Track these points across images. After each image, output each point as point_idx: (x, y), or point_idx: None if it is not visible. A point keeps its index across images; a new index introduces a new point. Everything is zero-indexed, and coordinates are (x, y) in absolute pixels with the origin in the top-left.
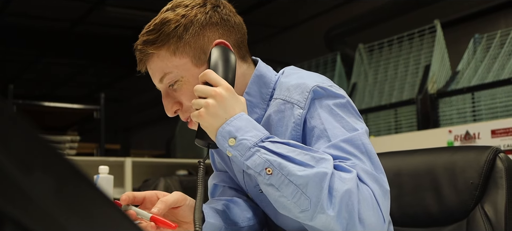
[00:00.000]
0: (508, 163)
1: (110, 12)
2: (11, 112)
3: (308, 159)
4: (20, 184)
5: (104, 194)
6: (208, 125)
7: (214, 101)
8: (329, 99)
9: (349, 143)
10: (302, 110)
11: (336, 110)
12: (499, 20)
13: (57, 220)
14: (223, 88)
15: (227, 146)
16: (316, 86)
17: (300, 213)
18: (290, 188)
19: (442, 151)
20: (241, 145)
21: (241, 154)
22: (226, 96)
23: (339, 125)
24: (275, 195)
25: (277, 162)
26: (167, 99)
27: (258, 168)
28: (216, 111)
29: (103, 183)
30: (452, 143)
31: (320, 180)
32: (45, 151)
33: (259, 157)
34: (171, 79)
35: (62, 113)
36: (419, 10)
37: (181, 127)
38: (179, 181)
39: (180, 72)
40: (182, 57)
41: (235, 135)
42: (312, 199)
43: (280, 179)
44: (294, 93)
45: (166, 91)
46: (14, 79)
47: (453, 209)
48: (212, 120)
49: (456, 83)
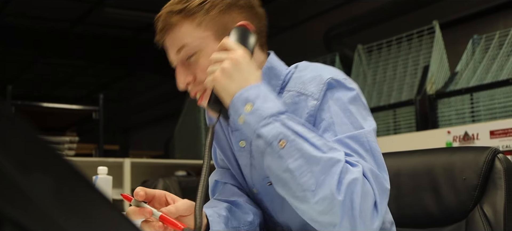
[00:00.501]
0: (507, 164)
1: (109, 13)
2: (10, 113)
3: (322, 144)
4: (19, 185)
5: (103, 195)
6: (223, 88)
7: (230, 63)
8: (342, 93)
9: (354, 140)
10: (316, 102)
11: (347, 105)
12: (498, 21)
13: (56, 221)
14: (240, 53)
15: (242, 111)
16: (331, 78)
17: (301, 192)
18: (299, 164)
19: (441, 152)
20: (257, 111)
21: (256, 121)
22: (242, 61)
23: (347, 120)
24: (280, 168)
25: (293, 137)
26: (181, 71)
27: (271, 138)
28: (231, 73)
29: (102, 183)
30: (451, 144)
31: (332, 165)
32: (44, 151)
33: (275, 127)
34: (189, 51)
35: (61, 114)
36: (417, 11)
37: (180, 128)
38: (177, 181)
39: (200, 45)
40: (205, 31)
41: (253, 101)
42: (319, 180)
43: (292, 153)
44: (309, 85)
45: (181, 62)
46: (13, 79)
47: (452, 209)
48: (227, 81)
49: (455, 84)
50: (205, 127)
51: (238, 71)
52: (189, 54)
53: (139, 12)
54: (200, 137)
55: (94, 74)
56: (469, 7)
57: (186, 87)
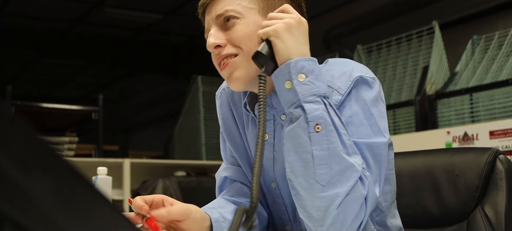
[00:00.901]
0: (508, 165)
1: (109, 13)
2: (10, 113)
3: (349, 144)
4: (19, 185)
5: (103, 195)
6: (283, 40)
7: (295, 21)
8: (366, 92)
9: (369, 148)
10: (340, 97)
11: (369, 106)
12: (497, 22)
13: (56, 221)
14: (304, 20)
15: (295, 78)
16: (360, 76)
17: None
18: (323, 155)
19: (442, 152)
20: (308, 85)
21: (304, 94)
22: (305, 26)
23: (367, 122)
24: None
25: (330, 127)
26: (215, 31)
27: (312, 118)
28: (294, 31)
29: (102, 184)
30: (450, 144)
31: (350, 172)
32: (44, 151)
33: (319, 109)
34: (231, 14)
35: (60, 114)
36: (417, 11)
37: (180, 128)
38: (177, 182)
39: (243, 12)
40: (251, 3)
41: (308, 74)
42: (333, 179)
43: (321, 142)
44: (338, 80)
45: (218, 24)
46: (13, 80)
47: (453, 210)
48: (288, 35)
49: (455, 84)
50: (204, 127)
51: (300, 31)
52: (230, 15)
53: (139, 12)
54: (199, 137)
55: (94, 74)
56: (468, 7)
57: (215, 49)
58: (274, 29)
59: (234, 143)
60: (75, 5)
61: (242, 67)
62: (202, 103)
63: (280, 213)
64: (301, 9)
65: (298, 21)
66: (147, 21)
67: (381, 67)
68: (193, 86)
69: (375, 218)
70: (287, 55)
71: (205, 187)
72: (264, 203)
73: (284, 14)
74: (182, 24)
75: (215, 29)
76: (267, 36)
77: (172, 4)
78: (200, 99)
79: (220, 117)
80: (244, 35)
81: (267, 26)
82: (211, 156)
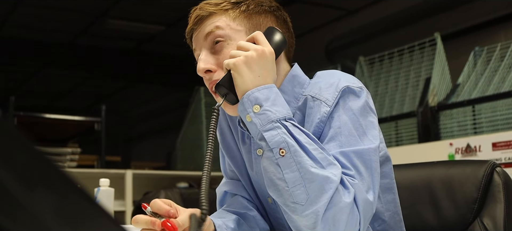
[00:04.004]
0: (505, 177)
1: (112, 24)
2: (14, 129)
3: (321, 157)
4: (21, 201)
5: (105, 211)
6: (240, 74)
7: (256, 54)
8: (354, 102)
9: (358, 155)
10: (328, 109)
11: (357, 116)
12: (499, 33)
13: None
14: (268, 48)
15: (251, 111)
16: (346, 86)
17: (291, 203)
18: (295, 177)
19: (440, 165)
20: (264, 115)
21: (261, 124)
22: (268, 57)
23: (355, 132)
24: (275, 176)
25: (294, 148)
26: (205, 55)
27: (273, 144)
28: (253, 65)
29: (104, 196)
30: (453, 156)
31: (326, 185)
32: (46, 167)
33: (279, 134)
34: (219, 35)
35: (63, 125)
36: (419, 23)
37: (182, 139)
38: (179, 193)
39: (231, 35)
40: (239, 25)
41: (262, 103)
42: (311, 197)
43: (290, 164)
44: (325, 92)
45: (208, 48)
46: (16, 90)
47: (452, 222)
48: (246, 70)
49: (457, 96)
50: (206, 139)
51: (260, 65)
52: (218, 38)
53: (142, 24)
54: (202, 148)
55: (96, 85)
56: (470, 19)
57: (205, 74)
58: (233, 63)
59: (232, 157)
60: (78, 17)
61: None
62: (204, 114)
63: (280, 227)
64: (286, 25)
65: (259, 54)
66: (150, 33)
67: (383, 79)
68: (195, 97)
69: (376, 228)
70: (244, 89)
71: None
72: (265, 216)
73: (250, 45)
74: (184, 35)
75: (205, 53)
76: (228, 68)
77: (174, 15)
78: (202, 110)
79: (218, 131)
80: None
81: (232, 57)
82: (214, 167)
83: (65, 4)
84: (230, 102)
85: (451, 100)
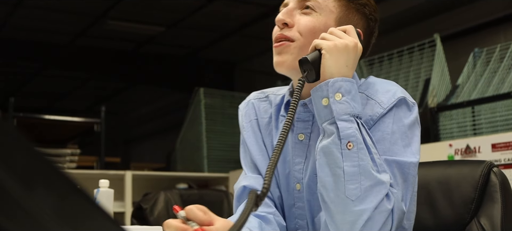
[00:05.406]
0: (502, 177)
1: (111, 25)
2: (13, 130)
3: (379, 163)
4: (21, 201)
5: (104, 211)
6: (330, 57)
7: (349, 45)
8: (405, 115)
9: (398, 166)
10: (382, 110)
11: (406, 129)
12: (499, 34)
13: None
14: (359, 45)
15: (332, 96)
16: (403, 97)
17: (342, 194)
18: (354, 171)
19: (437, 165)
20: (344, 105)
21: (338, 112)
22: (358, 52)
23: (401, 142)
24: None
25: (361, 145)
26: (289, 10)
27: (344, 136)
28: (343, 52)
29: (104, 197)
30: (452, 157)
31: (379, 188)
32: (46, 168)
33: (352, 127)
34: (313, 4)
35: (62, 127)
36: (419, 24)
37: (182, 140)
38: (179, 194)
39: (324, 9)
40: (334, 8)
41: (345, 93)
42: (362, 195)
43: (353, 159)
44: (381, 95)
45: (298, 6)
46: (15, 92)
47: (450, 222)
48: (336, 55)
49: (456, 97)
50: (206, 140)
51: (350, 56)
52: (311, 4)
53: (141, 25)
54: (201, 149)
55: (96, 86)
56: (469, 20)
57: (282, 26)
58: (328, 45)
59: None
60: (78, 18)
61: (293, 54)
62: (204, 115)
63: (298, 219)
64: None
65: (354, 46)
66: (149, 34)
67: None
68: (195, 98)
69: None
70: (330, 72)
71: (207, 199)
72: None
73: (344, 35)
74: (184, 37)
75: (293, 7)
76: (319, 47)
77: (174, 17)
78: (202, 111)
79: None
80: (311, 28)
81: (324, 39)
82: (213, 168)
83: (65, 6)
84: (308, 80)
85: (451, 102)
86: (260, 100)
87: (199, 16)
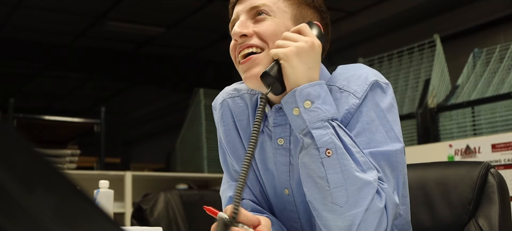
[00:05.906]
0: (499, 178)
1: (111, 26)
2: (13, 131)
3: (363, 161)
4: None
5: (105, 212)
6: (291, 65)
7: (307, 46)
8: (382, 99)
9: (385, 157)
10: (357, 101)
11: (384, 113)
12: (499, 35)
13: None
14: (316, 42)
15: (301, 105)
16: (376, 80)
17: (330, 202)
18: (338, 178)
19: (435, 166)
20: (315, 112)
21: (310, 120)
22: (317, 50)
23: (383, 129)
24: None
25: (341, 150)
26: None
27: (321, 144)
28: (303, 56)
29: (103, 197)
30: (452, 157)
31: (366, 189)
32: (46, 169)
33: (327, 134)
34: (264, 9)
35: (62, 127)
36: (418, 25)
37: (182, 141)
38: (179, 195)
39: (276, 12)
40: (286, 7)
41: (314, 100)
42: (350, 199)
43: (334, 166)
44: (353, 83)
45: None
46: (15, 92)
47: (447, 223)
48: (297, 61)
49: (456, 97)
50: (206, 140)
51: (310, 56)
52: (263, 10)
53: (141, 26)
54: (201, 150)
55: (96, 87)
56: (469, 21)
57: (240, 38)
58: (284, 53)
59: (236, 156)
60: (78, 19)
61: (264, 65)
62: (204, 116)
63: (291, 222)
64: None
65: (310, 45)
66: (149, 34)
67: None
68: (195, 99)
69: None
70: (294, 80)
71: (207, 200)
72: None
73: (299, 36)
74: (184, 37)
75: (244, 17)
76: (277, 57)
77: (173, 17)
78: (202, 112)
79: (222, 128)
80: (272, 32)
81: (279, 47)
82: (213, 169)
83: (65, 6)
84: (275, 93)
85: (451, 102)
86: (234, 99)
87: (199, 17)
